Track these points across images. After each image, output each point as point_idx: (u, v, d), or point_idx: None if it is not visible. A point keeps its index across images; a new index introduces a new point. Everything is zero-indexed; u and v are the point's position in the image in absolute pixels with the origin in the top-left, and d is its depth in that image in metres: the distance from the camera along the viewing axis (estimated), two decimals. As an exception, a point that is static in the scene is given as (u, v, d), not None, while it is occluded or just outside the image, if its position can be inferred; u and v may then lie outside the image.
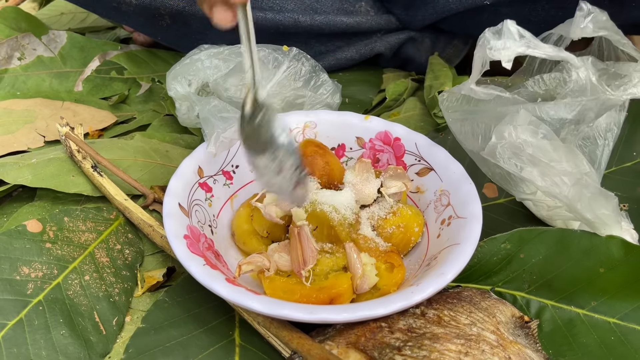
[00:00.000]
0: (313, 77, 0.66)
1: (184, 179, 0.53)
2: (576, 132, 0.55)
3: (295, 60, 0.65)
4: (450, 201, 0.53)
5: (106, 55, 0.80)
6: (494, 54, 0.52)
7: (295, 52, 0.65)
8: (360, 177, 0.54)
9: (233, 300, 0.43)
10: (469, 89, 0.57)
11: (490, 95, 0.56)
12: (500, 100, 0.56)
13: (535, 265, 0.51)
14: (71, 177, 0.60)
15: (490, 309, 0.46)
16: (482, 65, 0.54)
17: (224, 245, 0.54)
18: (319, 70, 0.66)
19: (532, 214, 0.58)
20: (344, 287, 0.47)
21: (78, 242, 0.53)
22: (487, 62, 0.54)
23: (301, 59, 0.65)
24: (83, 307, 0.48)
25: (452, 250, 0.48)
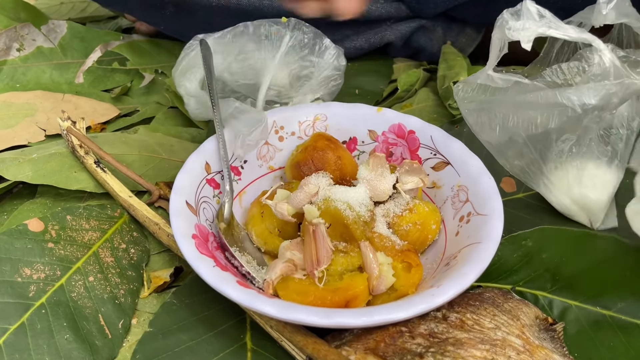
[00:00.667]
0: (317, 43, 0.64)
1: (191, 176, 0.51)
2: (598, 119, 0.52)
3: (296, 30, 0.64)
4: (469, 197, 0.51)
5: (108, 45, 0.78)
6: (513, 35, 0.49)
7: (294, 21, 0.64)
8: (374, 172, 0.51)
9: (245, 304, 0.41)
10: (486, 75, 0.54)
11: (508, 82, 0.53)
12: (519, 88, 0.53)
13: (558, 264, 0.49)
14: (73, 173, 0.58)
15: (514, 311, 0.44)
16: (500, 49, 0.51)
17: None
18: (321, 35, 0.65)
19: (553, 209, 0.56)
20: (360, 288, 0.45)
21: (81, 241, 0.51)
22: (506, 44, 0.51)
23: (301, 28, 0.64)
24: (87, 309, 0.46)
25: (473, 249, 0.45)
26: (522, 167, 0.54)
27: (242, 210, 0.55)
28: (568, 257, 0.49)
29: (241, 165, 0.56)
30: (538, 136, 0.52)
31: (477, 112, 0.55)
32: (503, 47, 0.50)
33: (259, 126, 0.53)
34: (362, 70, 0.75)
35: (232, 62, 0.63)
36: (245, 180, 0.56)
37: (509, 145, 0.54)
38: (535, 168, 0.54)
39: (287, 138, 0.58)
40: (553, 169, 0.54)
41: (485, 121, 0.55)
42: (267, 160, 0.58)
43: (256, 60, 0.63)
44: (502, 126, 0.53)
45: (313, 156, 0.54)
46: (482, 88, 0.55)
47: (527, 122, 0.52)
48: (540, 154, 0.53)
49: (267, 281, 0.45)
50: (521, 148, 0.53)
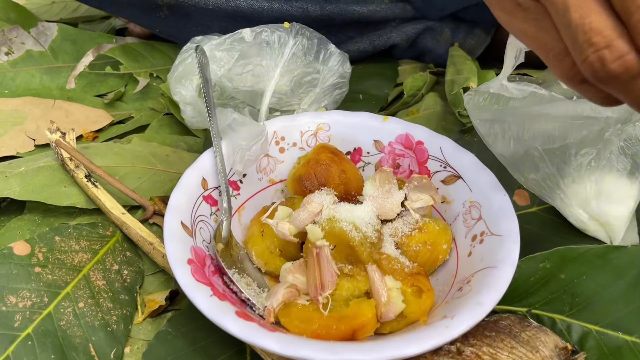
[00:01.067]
0: (321, 49, 0.61)
1: (186, 193, 0.48)
2: (620, 131, 0.49)
3: (299, 35, 0.61)
4: (482, 215, 0.48)
5: (100, 48, 0.75)
6: None
7: (297, 27, 0.61)
8: (381, 189, 0.48)
9: (246, 339, 0.38)
10: (499, 85, 0.51)
11: (524, 92, 0.50)
12: (535, 98, 0.50)
13: (577, 285, 0.46)
14: (63, 187, 0.55)
15: (532, 341, 0.41)
16: (515, 57, 0.48)
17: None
18: (325, 41, 0.62)
19: (570, 224, 0.53)
20: (367, 317, 0.42)
21: (71, 264, 0.48)
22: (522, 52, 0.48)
23: (305, 33, 0.61)
24: (77, 339, 0.44)
25: (488, 274, 0.43)
26: (538, 181, 0.51)
27: (242, 227, 0.53)
28: (589, 275, 0.46)
29: (240, 180, 0.53)
30: (555, 150, 0.49)
31: (489, 123, 0.52)
32: (519, 55, 0.47)
33: (259, 140, 0.50)
34: (366, 73, 0.72)
35: (231, 68, 0.60)
36: (245, 195, 0.53)
37: (524, 159, 0.51)
38: (551, 182, 0.51)
39: (288, 149, 0.55)
40: (570, 183, 0.51)
41: (499, 132, 0.52)
42: (268, 173, 0.55)
43: (257, 66, 0.60)
44: (517, 138, 0.50)
45: (316, 170, 0.51)
46: (495, 97, 0.52)
47: (544, 135, 0.49)
48: (557, 168, 0.50)
49: (268, 308, 0.43)
50: (537, 162, 0.50)
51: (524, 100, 0.50)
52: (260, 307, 0.44)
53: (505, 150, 0.51)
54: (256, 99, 0.61)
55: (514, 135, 0.51)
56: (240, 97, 0.62)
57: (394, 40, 0.73)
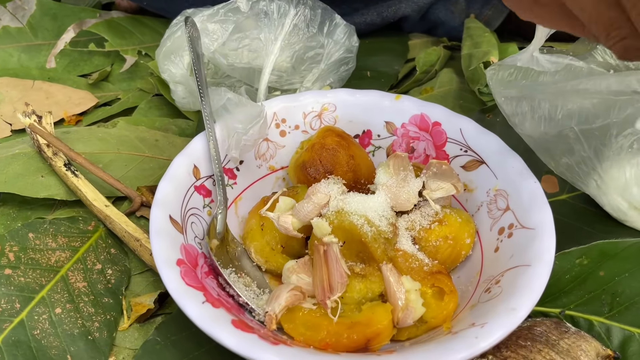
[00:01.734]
0: (326, 20, 0.56)
1: (175, 183, 0.43)
2: None
3: (301, 5, 0.55)
4: (510, 205, 0.43)
5: (83, 24, 0.69)
6: None
7: None
8: (396, 176, 0.43)
9: (244, 354, 0.33)
10: (529, 57, 0.46)
11: (558, 65, 0.45)
12: (570, 72, 0.44)
13: (618, 283, 0.41)
14: (40, 177, 0.50)
15: (573, 350, 0.36)
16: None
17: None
18: (330, 11, 0.56)
19: (605, 213, 0.47)
20: (383, 324, 0.37)
21: (47, 264, 0.43)
22: None
23: (307, 2, 0.55)
24: (53, 349, 0.39)
25: (521, 274, 0.37)
26: (571, 166, 0.46)
27: (239, 220, 0.47)
28: (632, 273, 0.41)
29: (236, 167, 0.48)
30: (594, 130, 0.43)
31: (516, 101, 0.46)
32: None
33: (257, 122, 0.44)
34: (374, 48, 0.66)
35: (225, 42, 0.54)
36: (242, 184, 0.48)
37: (557, 141, 0.45)
38: (587, 167, 0.45)
39: (290, 133, 0.50)
40: (608, 168, 0.45)
41: (527, 111, 0.46)
42: (267, 159, 0.49)
43: (254, 40, 0.54)
44: (549, 118, 0.45)
45: (321, 156, 0.46)
46: (523, 71, 0.47)
47: (580, 114, 0.43)
48: (595, 151, 0.44)
49: (269, 315, 0.37)
50: (572, 144, 0.45)
51: (557, 75, 0.44)
52: (261, 313, 0.39)
53: (534, 131, 0.45)
54: (254, 76, 0.56)
55: (545, 114, 0.46)
56: (236, 75, 0.56)
57: (404, 12, 0.67)
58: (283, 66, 0.55)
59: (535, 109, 0.46)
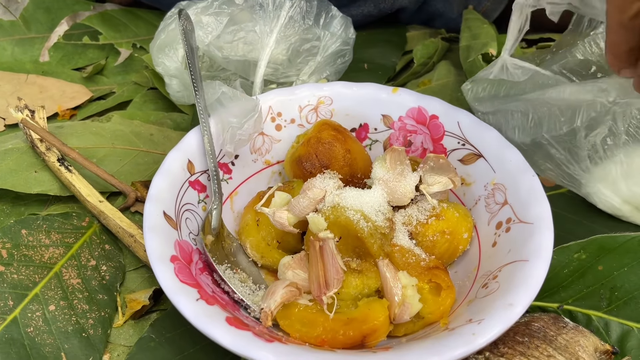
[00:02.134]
0: (322, 12, 0.55)
1: (170, 178, 0.42)
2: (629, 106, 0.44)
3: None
4: (508, 199, 0.42)
5: (76, 16, 0.68)
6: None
7: None
8: (392, 171, 0.42)
9: (238, 352, 0.32)
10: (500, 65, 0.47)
11: (526, 73, 0.46)
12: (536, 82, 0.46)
13: (617, 278, 0.41)
14: (33, 173, 0.49)
15: (571, 345, 0.35)
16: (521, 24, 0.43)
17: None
18: (326, 3, 0.56)
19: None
20: (379, 320, 0.36)
21: (40, 261, 0.42)
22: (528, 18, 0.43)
23: None
24: (47, 347, 0.38)
25: (518, 269, 0.37)
26: (555, 170, 0.46)
27: (235, 215, 0.47)
28: (631, 267, 0.41)
29: (231, 162, 0.47)
30: (563, 136, 0.44)
31: (492, 115, 0.48)
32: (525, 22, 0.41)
33: (252, 116, 0.43)
34: (371, 40, 0.65)
35: (220, 35, 0.53)
36: (237, 179, 0.47)
37: (534, 148, 0.46)
38: (569, 169, 0.45)
39: (285, 126, 0.49)
40: (592, 167, 0.45)
41: (502, 123, 0.48)
42: (263, 153, 0.49)
43: (250, 33, 0.53)
44: (522, 128, 0.47)
45: (317, 150, 0.45)
46: (496, 85, 0.48)
47: (549, 122, 0.44)
48: (570, 153, 0.45)
49: (264, 311, 0.37)
50: (547, 149, 0.45)
51: (526, 85, 0.45)
52: (256, 309, 0.38)
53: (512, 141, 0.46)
54: (249, 69, 0.55)
55: (518, 124, 0.48)
56: (232, 68, 0.56)
57: (401, 3, 0.66)
58: (279, 59, 0.54)
59: (509, 120, 0.48)
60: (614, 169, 0.45)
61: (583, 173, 0.46)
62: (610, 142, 0.44)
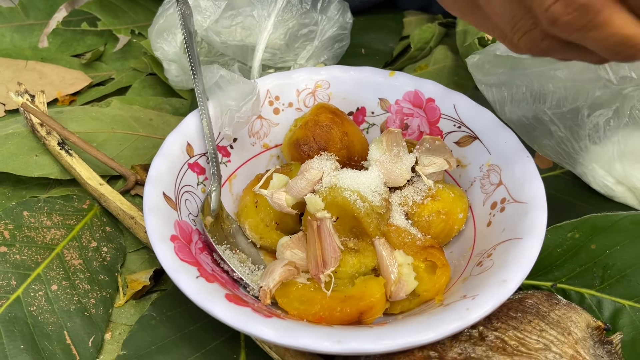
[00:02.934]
0: None
1: (169, 160, 0.43)
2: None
3: None
4: (503, 179, 0.43)
5: (75, 3, 0.68)
6: None
7: None
8: (389, 152, 0.43)
9: (237, 327, 0.33)
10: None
11: None
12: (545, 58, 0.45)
13: (610, 256, 0.42)
14: (34, 157, 0.50)
15: (563, 321, 0.36)
16: None
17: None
18: None
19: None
20: (376, 297, 0.37)
21: (42, 242, 0.43)
22: None
23: None
24: (50, 326, 0.39)
25: (512, 247, 0.37)
26: (553, 147, 0.46)
27: (233, 198, 0.47)
28: (623, 246, 0.41)
29: (230, 145, 0.48)
30: (565, 113, 0.44)
31: (496, 87, 0.48)
32: None
33: (250, 99, 0.44)
34: (369, 25, 0.65)
35: (218, 20, 0.54)
36: (236, 162, 0.48)
37: (535, 124, 0.46)
38: (567, 147, 0.45)
39: (283, 110, 0.50)
40: (590, 145, 0.45)
41: (506, 97, 0.47)
42: (261, 137, 0.49)
43: (247, 17, 0.54)
44: (525, 103, 0.46)
45: (315, 133, 0.46)
46: (502, 60, 0.47)
47: (553, 98, 0.44)
48: (570, 131, 0.45)
49: (263, 289, 0.38)
50: (549, 126, 0.45)
51: (534, 60, 0.45)
52: (255, 288, 0.39)
53: (514, 115, 0.46)
54: (247, 54, 0.55)
55: (522, 99, 0.47)
56: (230, 52, 0.56)
57: (399, -11, 0.66)
58: (277, 44, 0.55)
59: (514, 94, 0.47)
60: (610, 149, 0.45)
61: (581, 152, 0.46)
62: (613, 123, 0.44)
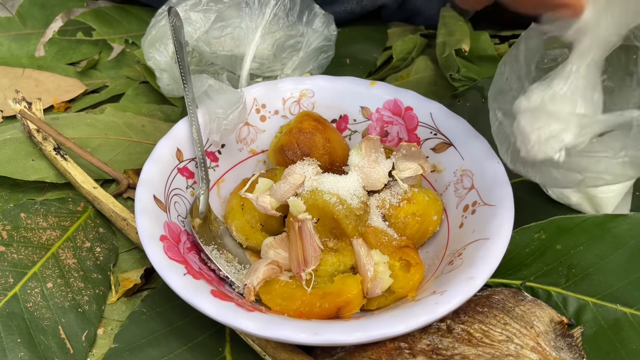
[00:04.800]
0: (305, 10, 0.58)
1: (159, 165, 0.45)
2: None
3: None
4: (475, 184, 0.45)
5: (71, 13, 0.70)
6: None
7: None
8: (367, 158, 0.45)
9: (221, 320, 0.36)
10: None
11: None
12: None
13: (574, 256, 0.44)
14: (31, 161, 0.52)
15: (527, 316, 0.39)
16: None
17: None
18: (309, 2, 0.58)
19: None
20: (353, 293, 0.40)
21: (38, 242, 0.45)
22: None
23: None
24: (46, 321, 0.41)
25: (480, 246, 0.40)
26: (509, 154, 0.45)
27: (221, 201, 0.50)
28: (586, 246, 0.44)
29: (218, 150, 0.50)
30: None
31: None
32: None
33: (237, 108, 0.46)
34: (354, 36, 0.68)
35: (208, 31, 0.56)
36: (224, 167, 0.50)
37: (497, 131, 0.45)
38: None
39: (269, 117, 0.52)
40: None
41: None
42: (248, 143, 0.52)
43: (236, 29, 0.56)
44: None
45: (299, 139, 0.48)
46: None
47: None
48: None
49: (247, 287, 0.40)
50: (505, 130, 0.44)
51: None
52: (240, 285, 0.42)
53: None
54: (236, 64, 0.58)
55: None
56: (219, 62, 0.59)
57: (383, 1, 0.69)
58: (264, 54, 0.57)
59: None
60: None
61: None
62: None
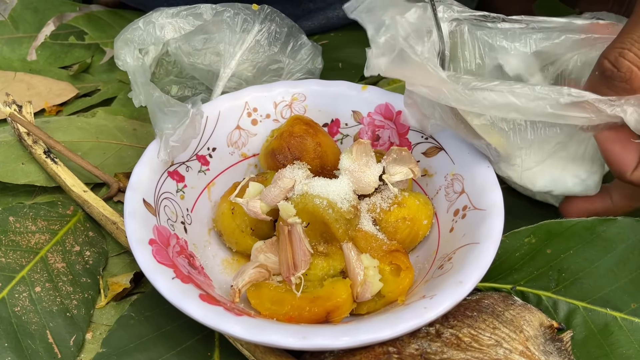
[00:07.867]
0: (290, 39, 0.56)
1: (149, 168, 0.45)
2: None
3: (268, 21, 0.55)
4: (465, 188, 0.45)
5: (63, 17, 0.70)
6: None
7: (267, 10, 0.55)
8: (358, 162, 0.45)
9: (209, 324, 0.35)
10: None
11: None
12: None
13: (564, 260, 0.44)
14: (21, 164, 0.52)
15: (516, 320, 0.39)
16: None
17: (201, 244, 0.46)
18: (297, 31, 0.57)
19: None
20: (342, 297, 0.39)
21: (27, 246, 0.45)
22: None
23: (275, 19, 0.55)
24: (33, 325, 0.41)
25: (470, 251, 0.40)
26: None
27: (212, 205, 0.50)
28: (576, 250, 0.44)
29: (209, 154, 0.50)
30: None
31: None
32: None
33: (183, 123, 0.43)
34: (346, 41, 0.68)
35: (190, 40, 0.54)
36: (215, 171, 0.50)
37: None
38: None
39: (261, 121, 0.52)
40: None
41: None
42: (240, 146, 0.52)
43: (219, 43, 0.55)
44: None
45: (289, 143, 0.48)
46: None
47: None
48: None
49: (233, 289, 0.40)
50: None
51: None
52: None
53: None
54: (213, 80, 0.55)
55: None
56: (197, 75, 0.56)
57: (375, 6, 0.69)
58: (244, 74, 0.55)
59: None
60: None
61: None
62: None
